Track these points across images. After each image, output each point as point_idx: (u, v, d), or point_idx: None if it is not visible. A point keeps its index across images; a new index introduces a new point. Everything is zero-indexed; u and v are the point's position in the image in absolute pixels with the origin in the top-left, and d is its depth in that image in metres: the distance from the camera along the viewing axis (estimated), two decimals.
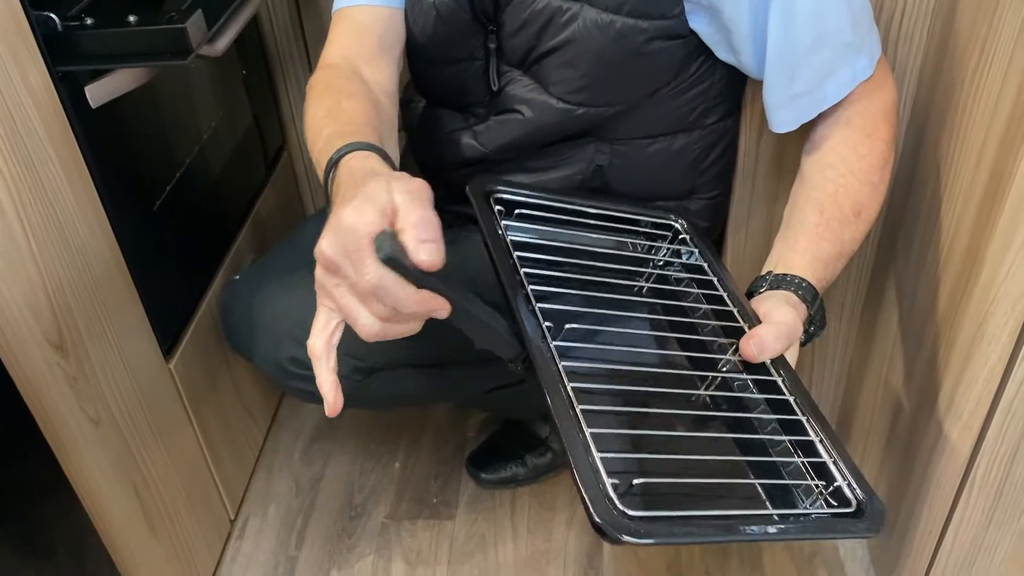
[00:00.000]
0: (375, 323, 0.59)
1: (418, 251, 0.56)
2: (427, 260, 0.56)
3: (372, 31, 0.90)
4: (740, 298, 0.79)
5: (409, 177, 0.60)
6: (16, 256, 0.77)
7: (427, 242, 0.56)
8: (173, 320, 1.06)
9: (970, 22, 0.86)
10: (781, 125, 0.86)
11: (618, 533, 0.54)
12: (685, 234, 0.89)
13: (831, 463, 0.67)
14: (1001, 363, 0.82)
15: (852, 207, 0.82)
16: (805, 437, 0.69)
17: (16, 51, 0.76)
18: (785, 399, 0.71)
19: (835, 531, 0.66)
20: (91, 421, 0.88)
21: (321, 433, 1.41)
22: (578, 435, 0.59)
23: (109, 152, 0.91)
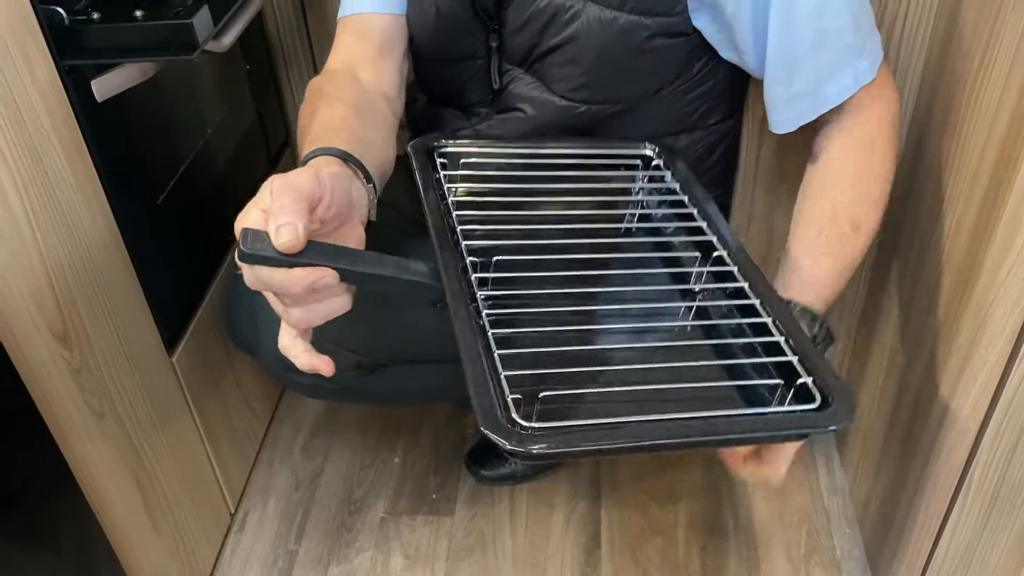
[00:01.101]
0: (289, 312, 0.63)
1: (276, 236, 0.57)
2: (283, 242, 0.57)
3: (373, 36, 0.91)
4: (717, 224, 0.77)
5: (300, 170, 0.62)
6: (21, 248, 0.78)
7: (282, 226, 0.57)
8: (175, 314, 1.07)
9: (972, 26, 0.87)
10: (780, 125, 0.87)
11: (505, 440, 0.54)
12: (658, 159, 0.86)
13: (796, 362, 0.63)
14: (999, 365, 0.83)
15: (851, 223, 0.83)
16: (770, 338, 0.66)
17: (23, 45, 0.77)
18: (750, 303, 0.69)
19: (793, 427, 0.60)
20: (94, 414, 0.89)
21: (321, 428, 1.41)
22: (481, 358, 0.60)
23: (114, 146, 0.91)
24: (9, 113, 0.75)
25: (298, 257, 0.58)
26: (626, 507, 1.26)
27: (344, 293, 0.64)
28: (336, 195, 0.63)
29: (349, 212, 0.67)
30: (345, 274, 0.61)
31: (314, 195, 0.61)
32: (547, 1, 0.84)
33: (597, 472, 1.31)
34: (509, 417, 0.56)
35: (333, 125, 0.77)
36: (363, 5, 0.92)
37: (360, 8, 0.92)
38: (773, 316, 0.68)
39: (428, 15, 0.90)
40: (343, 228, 0.66)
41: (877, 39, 0.85)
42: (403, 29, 0.93)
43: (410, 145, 0.81)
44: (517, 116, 0.92)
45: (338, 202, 0.64)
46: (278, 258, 0.58)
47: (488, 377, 0.58)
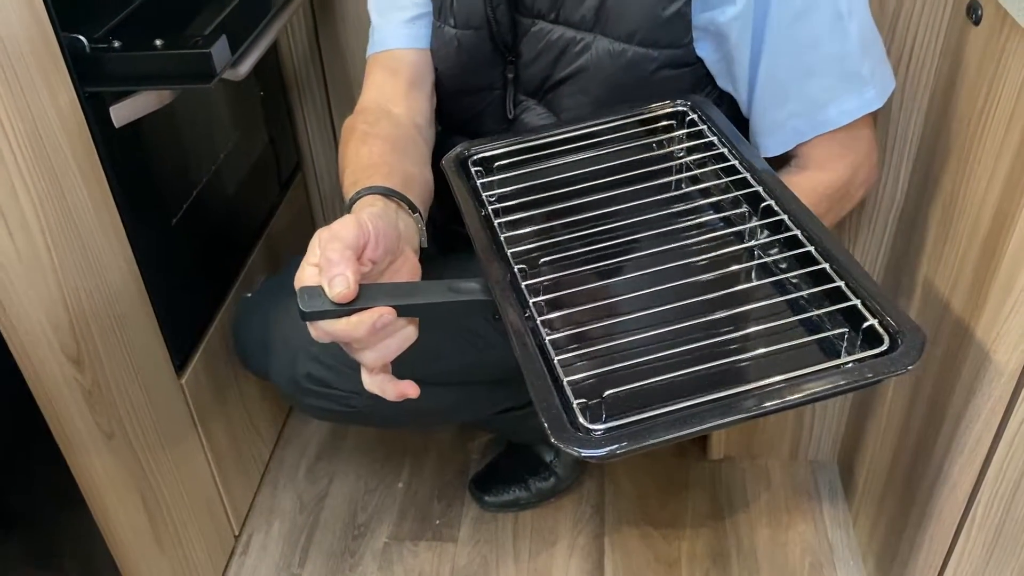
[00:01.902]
0: (363, 356, 0.66)
1: (330, 289, 0.61)
2: (336, 293, 0.61)
3: (402, 72, 0.95)
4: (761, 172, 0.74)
5: (344, 219, 0.65)
6: (38, 270, 0.79)
7: (334, 278, 0.61)
8: (186, 336, 1.08)
9: (977, 64, 0.88)
10: (773, 147, 0.87)
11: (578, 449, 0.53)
12: (693, 114, 0.82)
13: (860, 305, 0.60)
14: (1003, 401, 0.83)
15: None
16: (830, 285, 0.63)
17: (46, 71, 0.79)
18: (806, 251, 0.66)
19: (864, 377, 0.57)
20: (104, 434, 0.89)
21: (326, 451, 1.42)
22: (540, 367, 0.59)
23: (130, 170, 0.93)
24: (30, 137, 0.76)
25: (354, 304, 0.62)
26: (630, 536, 1.26)
27: (407, 325, 0.66)
28: (381, 234, 0.66)
29: (398, 246, 0.70)
30: (401, 309, 0.64)
31: (359, 241, 0.64)
32: (559, 34, 0.85)
33: (601, 501, 1.32)
34: (577, 423, 0.54)
35: (373, 162, 0.81)
36: (391, 42, 0.95)
37: (389, 45, 0.95)
38: (830, 262, 0.64)
39: (450, 47, 0.92)
40: (396, 263, 0.70)
41: (888, 70, 0.86)
42: (430, 63, 0.96)
43: (443, 161, 0.81)
44: None
45: (385, 240, 0.67)
46: (336, 310, 0.62)
47: (551, 387, 0.57)
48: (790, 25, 0.80)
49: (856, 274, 0.63)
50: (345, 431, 1.44)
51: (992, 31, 0.84)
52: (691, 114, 0.82)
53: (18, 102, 0.75)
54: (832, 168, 0.88)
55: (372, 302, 0.62)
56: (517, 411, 1.14)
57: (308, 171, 1.49)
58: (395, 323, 0.64)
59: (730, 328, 0.62)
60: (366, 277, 0.65)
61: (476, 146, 0.81)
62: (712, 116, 0.81)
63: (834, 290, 0.63)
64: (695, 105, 0.83)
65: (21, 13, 0.75)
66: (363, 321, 0.62)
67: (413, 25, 0.94)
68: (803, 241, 0.67)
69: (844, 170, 0.88)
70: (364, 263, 0.65)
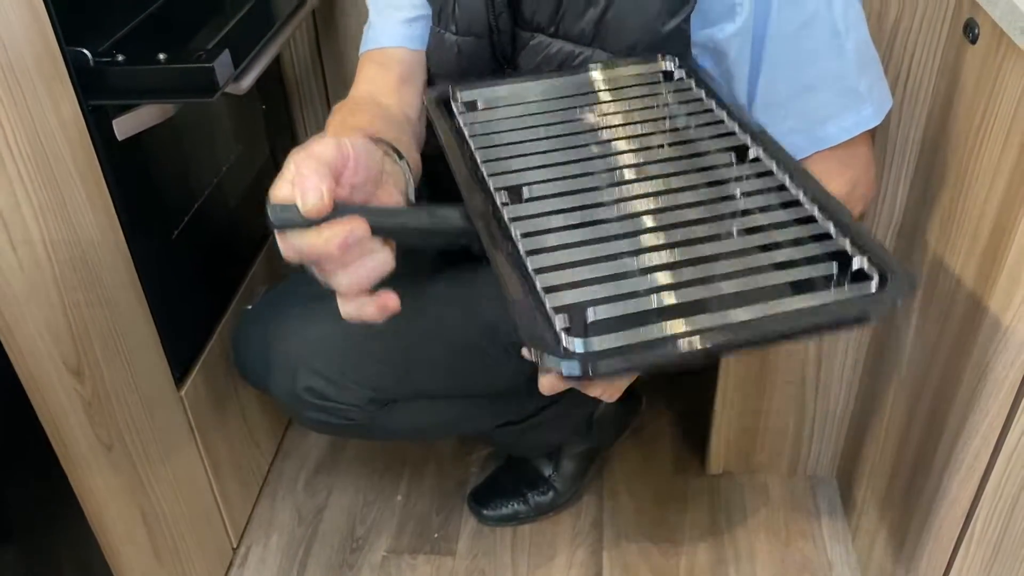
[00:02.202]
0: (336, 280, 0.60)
1: (302, 202, 0.56)
2: (309, 205, 0.56)
3: (394, 68, 0.93)
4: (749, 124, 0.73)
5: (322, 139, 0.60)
6: (40, 281, 0.79)
7: (307, 191, 0.56)
8: (186, 348, 1.08)
9: (974, 82, 0.89)
10: None
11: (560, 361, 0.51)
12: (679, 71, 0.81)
13: (848, 244, 0.59)
14: (1001, 416, 0.83)
15: None
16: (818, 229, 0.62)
17: (50, 84, 0.79)
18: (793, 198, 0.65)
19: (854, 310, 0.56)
20: (103, 445, 0.90)
21: (325, 463, 1.42)
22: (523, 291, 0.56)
23: (132, 182, 0.93)
24: (33, 150, 0.77)
25: (325, 220, 0.57)
26: (628, 551, 1.26)
27: (383, 248, 0.61)
28: (362, 159, 0.61)
29: (381, 178, 0.65)
30: (376, 228, 0.59)
31: (337, 162, 0.59)
32: (558, 47, 0.86)
33: (600, 515, 1.31)
34: (560, 343, 0.53)
35: (359, 125, 0.78)
36: (385, 40, 0.94)
37: (382, 43, 0.95)
38: (818, 205, 0.63)
39: (450, 53, 0.92)
40: (378, 195, 0.65)
41: (884, 87, 0.87)
42: (423, 63, 0.95)
43: (424, 96, 0.78)
44: None
45: (365, 167, 0.62)
46: (307, 222, 0.57)
47: (535, 311, 0.55)
48: (788, 42, 0.80)
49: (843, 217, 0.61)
50: (344, 443, 1.44)
51: (989, 49, 0.85)
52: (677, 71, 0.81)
53: (22, 114, 0.76)
54: (830, 184, 0.88)
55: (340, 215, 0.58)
56: (517, 425, 1.14)
57: None
58: (369, 243, 0.59)
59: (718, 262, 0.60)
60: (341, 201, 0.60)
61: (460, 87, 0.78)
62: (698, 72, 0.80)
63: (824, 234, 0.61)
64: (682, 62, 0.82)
65: (26, 26, 0.76)
66: (334, 234, 0.57)
67: (409, 26, 0.94)
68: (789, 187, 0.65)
69: (843, 186, 0.88)
70: (342, 187, 0.60)
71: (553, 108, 0.78)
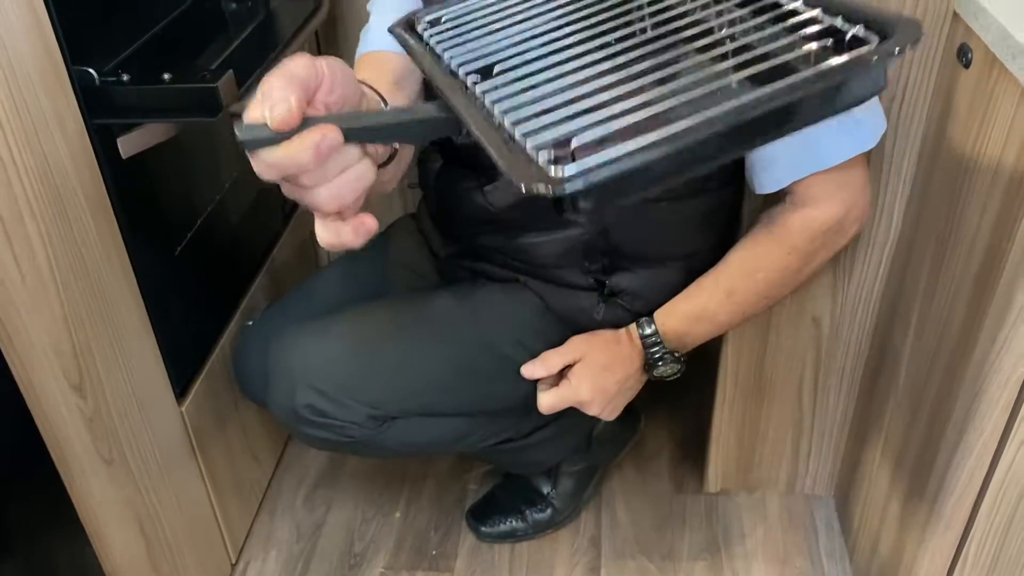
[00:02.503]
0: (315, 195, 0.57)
1: (270, 116, 0.53)
2: (276, 116, 0.53)
3: (387, 72, 0.92)
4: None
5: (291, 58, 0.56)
6: (43, 297, 0.80)
7: (275, 103, 0.53)
8: (187, 363, 1.09)
9: (967, 105, 0.90)
10: (770, 184, 0.89)
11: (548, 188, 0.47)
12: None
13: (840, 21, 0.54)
14: (994, 438, 0.84)
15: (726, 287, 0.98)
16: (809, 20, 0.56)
17: (56, 103, 0.81)
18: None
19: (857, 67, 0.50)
20: (104, 460, 0.90)
21: (324, 479, 1.42)
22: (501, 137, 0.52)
23: (135, 199, 0.95)
24: (39, 166, 0.78)
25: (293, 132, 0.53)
26: (626, 569, 1.26)
27: (361, 158, 0.57)
28: (339, 78, 0.58)
29: (359, 102, 0.62)
30: (349, 130, 0.56)
31: (310, 79, 0.56)
32: None
33: (598, 533, 1.32)
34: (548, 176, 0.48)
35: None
36: (380, 43, 0.94)
37: (378, 46, 0.94)
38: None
39: None
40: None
41: (879, 112, 0.88)
42: (416, 72, 0.94)
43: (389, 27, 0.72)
44: None
45: (342, 85, 0.58)
46: (276, 137, 0.53)
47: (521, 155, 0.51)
48: None
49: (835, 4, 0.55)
50: (343, 459, 1.44)
51: (982, 74, 0.86)
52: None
53: (28, 131, 0.77)
54: (826, 205, 0.90)
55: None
56: (516, 442, 1.14)
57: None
58: (346, 152, 0.56)
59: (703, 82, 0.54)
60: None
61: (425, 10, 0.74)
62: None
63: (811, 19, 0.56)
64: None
65: (33, 46, 0.77)
66: (304, 142, 0.53)
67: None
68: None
69: (837, 207, 0.89)
70: (316, 107, 0.56)
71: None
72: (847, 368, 1.20)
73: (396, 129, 0.58)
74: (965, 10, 0.90)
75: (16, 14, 0.75)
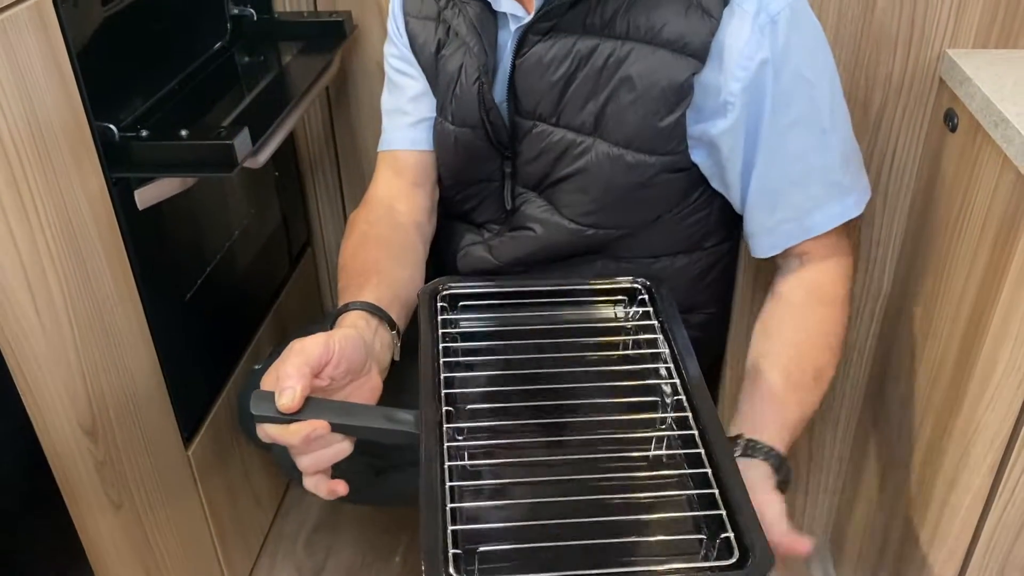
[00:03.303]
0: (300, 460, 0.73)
1: (278, 397, 0.69)
2: (281, 403, 0.69)
3: (407, 173, 1.02)
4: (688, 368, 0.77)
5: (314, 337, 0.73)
6: (60, 345, 0.83)
7: (284, 388, 0.69)
8: (195, 408, 1.11)
9: (954, 169, 0.93)
10: (763, 250, 0.92)
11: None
12: (645, 294, 0.86)
13: (725, 516, 0.64)
14: (983, 492, 0.86)
15: (813, 371, 0.86)
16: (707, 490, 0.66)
17: (78, 157, 0.84)
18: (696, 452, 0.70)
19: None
20: (113, 505, 0.92)
21: (325, 523, 1.43)
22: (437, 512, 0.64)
23: (150, 249, 0.97)
24: (61, 222, 0.81)
25: (296, 415, 0.69)
26: None
27: (343, 440, 0.73)
28: (346, 356, 0.74)
29: (363, 367, 0.77)
30: (336, 427, 0.71)
31: (321, 359, 0.72)
32: (560, 136, 0.91)
33: None
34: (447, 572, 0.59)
35: (367, 268, 0.89)
36: (396, 144, 1.03)
37: (394, 146, 1.03)
38: (713, 467, 0.68)
39: (449, 142, 0.97)
40: (357, 381, 0.77)
41: (865, 179, 0.91)
42: (432, 163, 1.02)
43: (420, 290, 0.87)
44: (528, 235, 0.98)
45: (348, 360, 0.74)
46: (279, 417, 0.69)
47: (439, 529, 0.62)
48: (779, 140, 0.85)
49: (733, 485, 0.66)
50: (343, 504, 1.45)
51: (967, 138, 0.90)
52: (644, 294, 0.87)
53: (52, 189, 0.80)
54: (816, 268, 0.92)
55: (312, 415, 0.70)
56: None
57: (317, 246, 1.54)
58: (330, 437, 0.71)
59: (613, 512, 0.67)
60: (324, 391, 0.73)
61: (450, 283, 0.87)
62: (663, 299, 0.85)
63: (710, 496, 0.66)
64: (653, 287, 0.87)
65: (58, 102, 0.81)
66: (299, 431, 0.69)
67: (415, 129, 1.01)
68: (696, 441, 0.70)
69: (826, 271, 0.92)
70: (323, 378, 0.72)
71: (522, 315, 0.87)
72: (841, 418, 1.23)
73: (376, 433, 0.72)
74: (950, 77, 0.94)
75: (44, 73, 0.78)
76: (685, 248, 0.99)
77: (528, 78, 0.89)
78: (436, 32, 0.96)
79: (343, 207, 1.48)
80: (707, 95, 0.84)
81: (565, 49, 0.87)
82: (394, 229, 0.98)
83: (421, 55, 0.98)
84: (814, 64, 0.84)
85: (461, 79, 0.93)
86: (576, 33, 0.86)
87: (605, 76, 0.86)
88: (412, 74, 1.01)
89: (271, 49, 1.24)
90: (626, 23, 0.84)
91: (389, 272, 0.90)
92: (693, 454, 0.70)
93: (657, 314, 0.83)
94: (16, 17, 0.75)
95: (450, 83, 0.95)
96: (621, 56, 0.85)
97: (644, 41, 0.84)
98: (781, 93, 0.83)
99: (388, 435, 0.72)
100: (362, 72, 1.30)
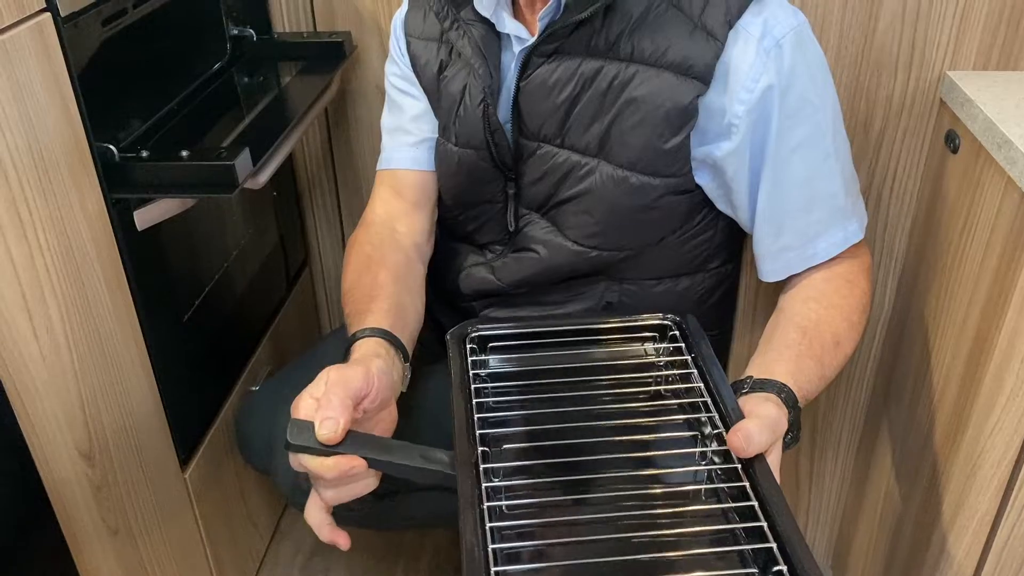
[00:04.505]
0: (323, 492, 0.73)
1: (319, 428, 0.68)
2: (324, 434, 0.68)
3: (407, 193, 1.02)
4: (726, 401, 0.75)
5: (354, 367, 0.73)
6: (59, 369, 0.82)
7: (326, 419, 0.68)
8: (191, 431, 1.10)
9: (956, 190, 0.93)
10: (769, 275, 0.92)
11: None
12: (676, 330, 0.85)
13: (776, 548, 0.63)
14: (990, 514, 0.85)
15: (832, 336, 0.84)
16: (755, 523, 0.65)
17: (77, 178, 0.83)
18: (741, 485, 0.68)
19: None
20: (110, 530, 0.91)
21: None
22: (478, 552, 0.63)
23: (148, 270, 0.96)
24: (60, 242, 0.80)
25: (335, 448, 0.68)
26: None
27: (372, 476, 0.73)
28: (383, 390, 0.74)
29: (390, 398, 0.77)
30: (372, 463, 0.70)
31: (361, 392, 0.71)
32: (564, 157, 0.90)
33: None
34: None
35: (375, 294, 0.89)
36: (397, 163, 1.02)
37: (394, 165, 1.02)
38: (759, 500, 0.67)
39: (452, 162, 0.97)
40: (382, 415, 0.78)
41: (863, 205, 0.91)
42: (432, 183, 1.02)
43: (449, 333, 0.86)
44: (531, 256, 0.97)
45: (382, 395, 0.74)
46: (317, 448, 0.68)
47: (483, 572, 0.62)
48: (784, 163, 0.85)
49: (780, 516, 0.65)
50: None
51: (969, 160, 0.90)
52: (675, 329, 0.86)
53: (52, 211, 0.79)
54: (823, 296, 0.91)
55: (351, 450, 0.68)
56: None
57: (315, 267, 1.53)
58: (363, 472, 0.71)
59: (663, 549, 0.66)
60: (355, 423, 0.72)
61: (479, 324, 0.87)
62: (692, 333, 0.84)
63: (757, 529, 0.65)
64: (682, 322, 0.86)
65: (58, 123, 0.80)
66: (338, 465, 0.68)
67: (417, 149, 1.01)
68: (740, 474, 0.69)
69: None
70: (358, 411, 0.71)
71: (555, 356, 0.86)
72: (843, 437, 1.22)
73: (412, 472, 0.72)
74: (951, 99, 0.94)
75: (44, 93, 0.78)
76: (688, 270, 0.99)
77: (532, 100, 0.89)
78: (438, 53, 0.96)
79: (341, 228, 1.48)
80: (711, 117, 0.84)
81: (569, 71, 0.87)
82: (397, 252, 0.97)
83: (423, 76, 0.98)
84: (818, 88, 0.85)
85: (465, 100, 0.93)
86: (580, 55, 0.86)
87: (610, 98, 0.86)
88: (414, 93, 1.01)
89: (271, 69, 1.24)
90: (630, 45, 0.84)
91: (396, 296, 0.90)
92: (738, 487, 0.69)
93: (689, 349, 0.83)
94: (17, 38, 0.74)
95: (453, 104, 0.95)
96: (625, 78, 0.85)
97: (648, 63, 0.84)
98: (786, 117, 0.83)
99: (424, 474, 0.71)
100: (361, 93, 1.30)
